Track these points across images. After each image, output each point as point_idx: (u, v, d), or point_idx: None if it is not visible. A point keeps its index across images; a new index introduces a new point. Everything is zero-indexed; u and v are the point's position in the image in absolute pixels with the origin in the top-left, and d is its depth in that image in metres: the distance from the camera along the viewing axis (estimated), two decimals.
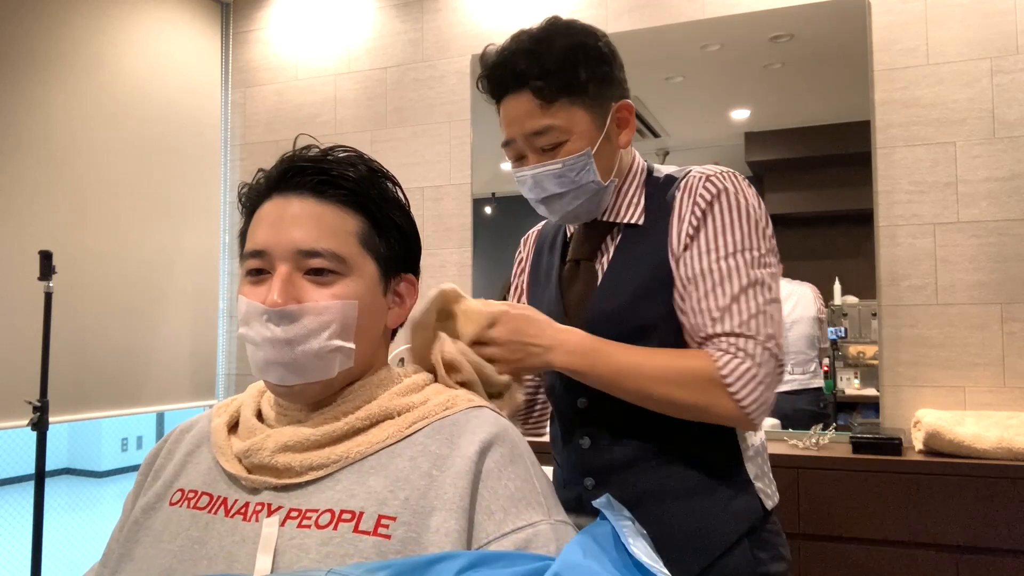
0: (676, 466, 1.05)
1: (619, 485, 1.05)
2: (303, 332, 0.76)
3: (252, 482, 0.77)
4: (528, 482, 0.76)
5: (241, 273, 0.82)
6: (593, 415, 1.09)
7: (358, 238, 0.81)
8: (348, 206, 0.81)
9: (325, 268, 0.78)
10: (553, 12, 1.17)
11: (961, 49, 2.28)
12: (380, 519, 0.70)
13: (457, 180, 2.89)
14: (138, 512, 0.81)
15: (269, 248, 0.78)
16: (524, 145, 1.06)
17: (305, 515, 0.73)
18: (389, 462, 0.75)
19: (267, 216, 0.80)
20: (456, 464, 0.74)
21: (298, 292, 0.77)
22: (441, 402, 0.81)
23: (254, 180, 0.85)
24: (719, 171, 1.05)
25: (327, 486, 0.75)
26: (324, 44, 3.17)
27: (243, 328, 0.79)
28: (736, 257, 1.00)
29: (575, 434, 1.12)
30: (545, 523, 0.73)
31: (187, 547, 0.75)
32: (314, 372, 0.77)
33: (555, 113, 1.02)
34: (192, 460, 0.85)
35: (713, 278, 1.00)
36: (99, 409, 2.76)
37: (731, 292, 0.99)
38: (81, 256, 2.69)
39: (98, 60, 2.80)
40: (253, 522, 0.74)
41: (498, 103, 1.08)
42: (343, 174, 0.81)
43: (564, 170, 1.04)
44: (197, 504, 0.79)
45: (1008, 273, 2.21)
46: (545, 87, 1.01)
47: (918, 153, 2.30)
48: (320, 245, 0.77)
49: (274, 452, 0.76)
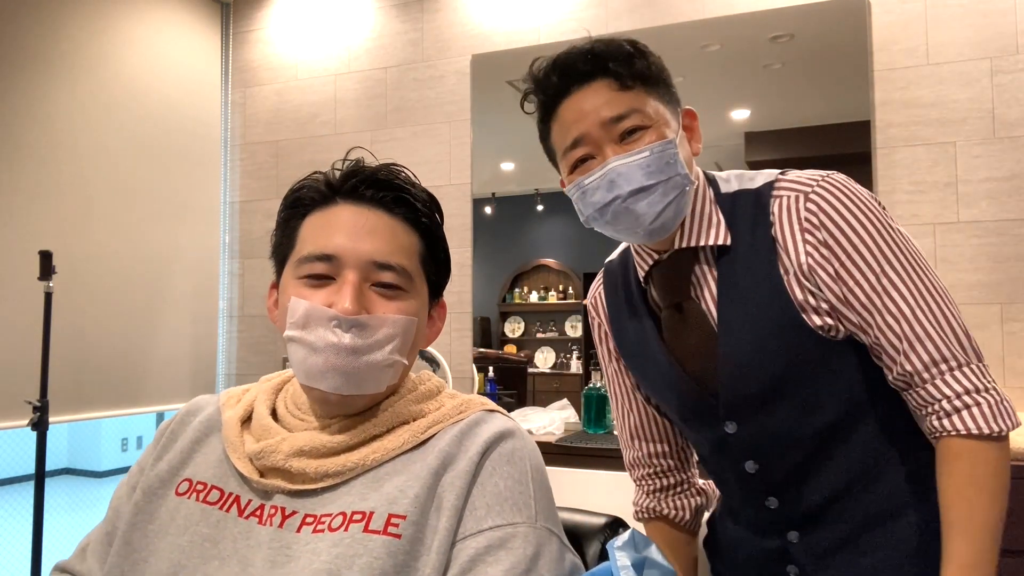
0: (878, 487, 0.96)
1: (826, 529, 0.97)
2: (372, 343, 0.76)
3: (264, 485, 0.76)
4: (520, 483, 0.75)
5: (291, 272, 0.80)
6: (768, 475, 0.99)
7: (419, 258, 0.82)
8: (413, 226, 0.82)
9: (394, 283, 0.79)
10: (553, 13, 1.16)
11: (961, 49, 2.28)
12: (390, 518, 0.71)
13: (457, 180, 2.90)
14: (140, 495, 0.80)
15: (341, 254, 0.77)
16: (601, 136, 0.94)
17: (320, 520, 0.73)
18: (404, 468, 0.76)
19: (338, 221, 0.79)
20: (460, 463, 0.75)
21: (367, 302, 0.77)
22: (455, 406, 0.82)
23: (313, 179, 0.83)
24: (817, 181, 0.94)
25: (342, 492, 0.75)
26: (324, 44, 3.17)
27: (298, 331, 0.76)
28: (888, 271, 0.90)
29: (755, 496, 1.01)
30: (526, 526, 0.72)
31: (196, 543, 0.75)
32: (371, 384, 0.77)
33: (634, 98, 0.94)
34: (201, 449, 0.83)
35: (875, 304, 0.90)
36: (99, 409, 2.76)
37: (904, 314, 0.89)
38: (81, 256, 2.69)
39: (98, 60, 2.80)
40: (268, 526, 0.74)
41: (557, 106, 0.97)
42: (413, 194, 0.83)
43: (652, 158, 0.92)
44: (207, 498, 0.78)
45: (1008, 273, 2.20)
46: (624, 71, 0.94)
47: (918, 153, 2.30)
48: (394, 259, 0.79)
49: (288, 456, 0.76)
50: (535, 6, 2.79)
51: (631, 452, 1.17)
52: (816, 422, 0.96)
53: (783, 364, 0.94)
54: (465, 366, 2.85)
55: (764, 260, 0.95)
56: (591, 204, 0.96)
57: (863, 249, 0.91)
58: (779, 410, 0.96)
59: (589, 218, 0.99)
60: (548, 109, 0.99)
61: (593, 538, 0.88)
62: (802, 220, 0.93)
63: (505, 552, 0.70)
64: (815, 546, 0.99)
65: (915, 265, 0.91)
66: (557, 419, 2.48)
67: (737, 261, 0.97)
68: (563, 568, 0.73)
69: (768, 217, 0.95)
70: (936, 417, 0.89)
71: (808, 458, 0.97)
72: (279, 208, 0.85)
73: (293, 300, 0.78)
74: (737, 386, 0.96)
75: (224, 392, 0.91)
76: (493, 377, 2.82)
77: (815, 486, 0.98)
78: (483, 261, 2.87)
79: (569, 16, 2.73)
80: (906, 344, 0.89)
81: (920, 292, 0.90)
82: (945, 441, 0.89)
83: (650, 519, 1.15)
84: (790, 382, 0.95)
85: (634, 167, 0.92)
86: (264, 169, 3.25)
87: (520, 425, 0.83)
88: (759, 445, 0.98)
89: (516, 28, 2.82)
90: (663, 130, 0.94)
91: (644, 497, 1.16)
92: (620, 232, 0.98)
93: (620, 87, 0.94)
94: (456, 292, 2.88)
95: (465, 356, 2.86)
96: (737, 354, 0.96)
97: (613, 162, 0.93)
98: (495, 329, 2.91)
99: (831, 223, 0.91)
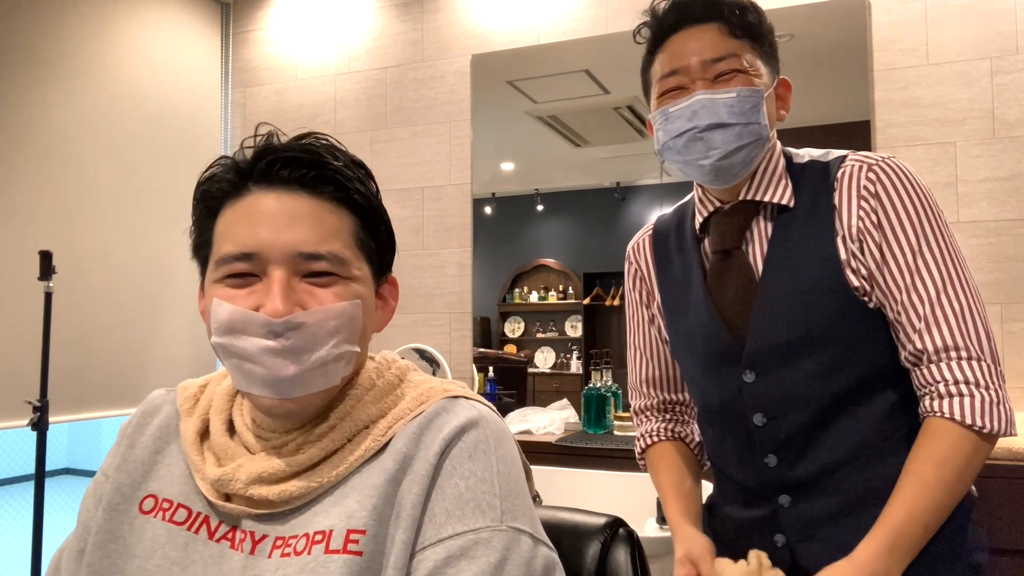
0: (877, 467, 0.98)
1: (818, 498, 0.99)
2: (311, 340, 0.68)
3: (230, 510, 0.71)
4: (484, 481, 0.68)
5: (212, 274, 0.73)
6: (774, 431, 1.01)
7: (354, 238, 0.74)
8: (342, 204, 0.73)
9: (327, 271, 0.71)
10: (553, 13, 1.16)
11: (961, 49, 2.28)
12: (349, 534, 0.66)
13: (457, 180, 2.90)
14: (102, 514, 0.75)
15: (262, 250, 0.69)
16: (697, 72, 1.00)
17: (287, 542, 0.68)
18: (368, 477, 0.70)
19: (251, 213, 0.71)
20: (416, 467, 0.68)
21: (299, 298, 0.69)
22: (415, 397, 0.75)
23: (220, 169, 0.75)
24: (883, 158, 0.99)
25: (308, 512, 0.70)
26: (324, 44, 3.17)
27: (226, 338, 0.69)
28: (935, 251, 0.94)
29: (755, 453, 1.03)
30: (491, 530, 0.66)
31: (164, 567, 0.70)
32: (319, 381, 0.70)
33: (739, 46, 1.00)
34: (162, 461, 0.78)
35: (906, 281, 0.94)
36: (99, 409, 2.76)
37: (930, 295, 0.93)
38: (81, 256, 2.69)
39: (98, 60, 2.80)
40: (240, 552, 0.69)
41: (666, 38, 1.03)
42: (337, 168, 0.73)
43: (737, 100, 0.98)
44: (173, 517, 0.73)
45: (1008, 273, 2.21)
46: (736, 21, 1.00)
47: (918, 153, 2.30)
48: (323, 247, 0.70)
49: (248, 484, 0.70)
50: (535, 6, 2.79)
51: (643, 400, 1.22)
52: (833, 384, 0.98)
53: (816, 318, 0.97)
54: (465, 366, 2.85)
55: (822, 223, 0.99)
56: (670, 131, 1.01)
57: (908, 227, 0.95)
58: (800, 366, 0.99)
59: (664, 147, 1.04)
60: (658, 41, 1.04)
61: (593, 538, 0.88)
62: (860, 187, 0.97)
63: (467, 562, 0.64)
64: (805, 514, 1.01)
65: (953, 257, 0.95)
66: (557, 419, 2.48)
67: (795, 221, 1.01)
68: (535, 568, 0.67)
69: (832, 184, 1.00)
70: (930, 398, 0.92)
71: (816, 420, 0.99)
72: (192, 203, 0.77)
73: (215, 304, 0.69)
74: (767, 335, 0.99)
75: (180, 387, 0.83)
76: (493, 377, 2.83)
77: (817, 450, 1.00)
78: (483, 261, 2.87)
79: (569, 16, 2.73)
80: (924, 325, 0.93)
81: (951, 281, 0.93)
82: (929, 420, 0.92)
83: (659, 442, 1.18)
84: (818, 339, 0.97)
85: (719, 103, 0.98)
86: None
87: (488, 409, 0.75)
88: (772, 398, 1.01)
89: (516, 28, 2.82)
90: (755, 80, 1.00)
91: (654, 423, 1.20)
92: (689, 164, 1.02)
93: (729, 33, 1.00)
94: (456, 292, 2.88)
95: (465, 356, 2.86)
96: (775, 303, 0.99)
97: (700, 95, 0.98)
98: (495, 329, 2.91)
99: (885, 195, 0.96)
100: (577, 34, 2.71)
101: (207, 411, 0.79)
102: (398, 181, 2.95)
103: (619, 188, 2.70)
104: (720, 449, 1.11)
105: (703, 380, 1.09)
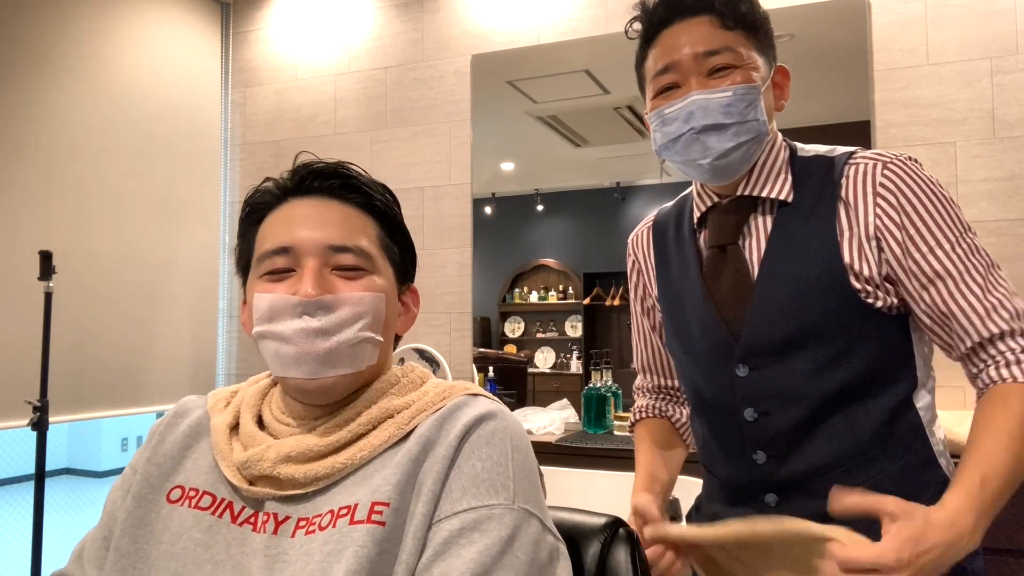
0: (868, 471, 0.96)
1: (805, 499, 0.97)
2: (339, 321, 0.76)
3: (254, 493, 0.76)
4: (499, 464, 0.74)
5: (254, 274, 0.82)
6: (764, 427, 1.00)
7: (378, 241, 0.83)
8: (366, 211, 0.84)
9: (354, 264, 0.79)
10: (553, 13, 1.16)
11: (961, 49, 2.28)
12: (373, 506, 0.71)
13: (457, 180, 2.89)
14: (132, 501, 0.80)
15: (297, 244, 0.79)
16: (691, 67, 0.98)
17: (311, 521, 0.73)
18: (391, 461, 0.75)
19: (289, 216, 0.82)
20: (439, 449, 0.74)
21: (329, 285, 0.78)
22: (438, 393, 0.82)
23: (265, 185, 0.86)
24: (896, 155, 0.98)
25: (332, 492, 0.75)
26: (324, 44, 3.17)
27: (265, 325, 0.77)
28: (960, 245, 0.95)
29: (744, 449, 1.02)
30: (503, 507, 0.71)
31: (189, 549, 0.75)
32: (347, 362, 0.77)
33: (732, 38, 0.98)
34: (191, 455, 0.83)
35: (953, 274, 0.94)
36: (99, 409, 2.76)
37: (977, 286, 0.94)
38: (81, 256, 2.69)
39: (98, 60, 2.80)
40: (262, 534, 0.74)
41: (658, 33, 1.02)
42: (361, 181, 0.84)
43: (733, 99, 0.96)
44: (199, 504, 0.78)
45: (1008, 273, 2.18)
46: (727, 12, 0.98)
47: (918, 153, 2.30)
48: (351, 241, 0.80)
49: (276, 463, 0.76)
50: (535, 6, 2.79)
51: (640, 380, 1.28)
52: (826, 382, 0.97)
53: (814, 315, 0.96)
54: (465, 366, 2.85)
55: (823, 219, 0.98)
56: (667, 133, 1.00)
57: (940, 221, 0.96)
58: (795, 362, 0.98)
59: (662, 147, 1.03)
60: (649, 36, 1.03)
61: (593, 538, 0.88)
62: (876, 185, 0.96)
63: (479, 534, 0.69)
64: (791, 514, 0.97)
65: (978, 247, 0.98)
66: (557, 419, 2.48)
67: (796, 216, 1.00)
68: (542, 551, 0.72)
69: (838, 181, 0.99)
70: (995, 367, 0.91)
71: (808, 418, 0.98)
72: (239, 221, 0.88)
73: (256, 296, 0.79)
74: (763, 330, 0.99)
75: (211, 394, 0.90)
76: (493, 377, 2.83)
77: (807, 449, 0.99)
78: (483, 261, 2.87)
79: (569, 16, 2.73)
80: (979, 319, 0.93)
81: (987, 270, 0.97)
82: (997, 387, 0.90)
83: (644, 418, 1.24)
84: (814, 336, 0.97)
85: (714, 103, 0.96)
86: (264, 169, 3.25)
87: (504, 407, 0.81)
88: (765, 394, 1.00)
89: (516, 28, 2.82)
90: (751, 75, 0.98)
91: (645, 400, 1.26)
92: (688, 163, 1.02)
93: (721, 25, 0.98)
94: (456, 292, 2.88)
95: (465, 356, 2.86)
96: (773, 298, 0.98)
97: (695, 95, 0.97)
98: (495, 329, 2.91)
99: (908, 191, 0.96)
100: (577, 34, 2.71)
101: (238, 408, 0.86)
102: (398, 181, 2.94)
103: (619, 188, 2.70)
104: (709, 445, 1.11)
105: (696, 373, 1.09)
